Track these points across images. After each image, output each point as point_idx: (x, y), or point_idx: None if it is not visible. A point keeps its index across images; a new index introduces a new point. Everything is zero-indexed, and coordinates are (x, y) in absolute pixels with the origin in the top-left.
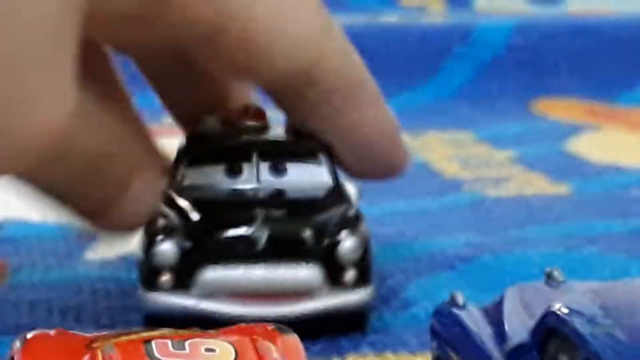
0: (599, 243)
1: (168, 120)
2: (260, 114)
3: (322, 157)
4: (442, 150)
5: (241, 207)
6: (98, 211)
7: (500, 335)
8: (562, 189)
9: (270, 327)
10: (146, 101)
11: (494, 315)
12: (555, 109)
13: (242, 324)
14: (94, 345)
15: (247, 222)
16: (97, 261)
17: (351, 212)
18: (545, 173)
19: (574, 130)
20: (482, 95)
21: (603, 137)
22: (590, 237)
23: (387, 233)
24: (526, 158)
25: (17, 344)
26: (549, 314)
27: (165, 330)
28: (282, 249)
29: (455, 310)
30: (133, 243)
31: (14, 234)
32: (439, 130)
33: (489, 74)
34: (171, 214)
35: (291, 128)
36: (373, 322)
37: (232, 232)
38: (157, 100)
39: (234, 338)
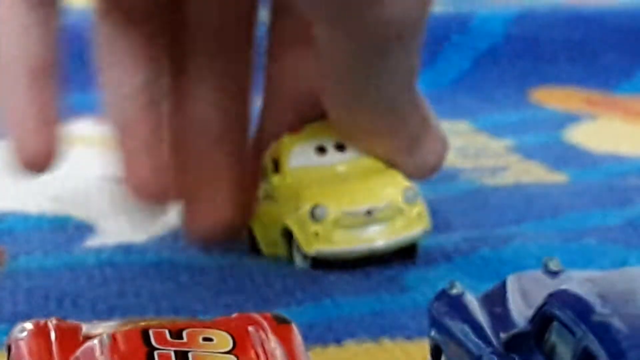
0: (597, 233)
1: None
2: None
3: None
4: None
5: None
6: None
7: (499, 323)
8: (560, 178)
9: (267, 316)
10: None
11: (492, 304)
12: (553, 98)
13: (240, 313)
14: (90, 335)
15: None
16: (95, 248)
17: None
18: (543, 162)
19: (572, 119)
20: (480, 84)
21: (601, 127)
22: (588, 226)
23: None
24: (524, 147)
25: (15, 334)
26: (548, 303)
27: (162, 320)
28: None
29: (455, 298)
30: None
31: (11, 226)
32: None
33: (487, 63)
34: None
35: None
36: (371, 304)
37: None
38: None
39: (232, 327)
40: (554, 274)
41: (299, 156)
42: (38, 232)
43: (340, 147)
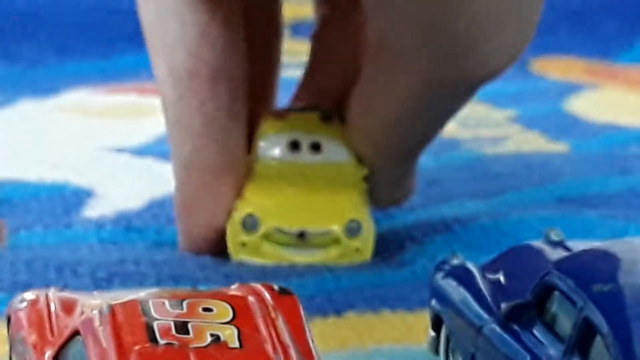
0: (597, 202)
1: None
2: None
3: None
4: None
5: None
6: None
7: (500, 293)
8: (560, 147)
9: (268, 286)
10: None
11: (493, 274)
12: (554, 68)
13: (241, 284)
14: (90, 306)
15: None
16: (94, 218)
17: None
18: (543, 132)
19: (573, 89)
20: None
21: (602, 96)
22: (588, 196)
23: None
24: (525, 117)
25: (15, 304)
26: (549, 273)
27: (162, 290)
28: None
29: (455, 268)
30: None
31: (10, 195)
32: None
33: None
34: None
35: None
36: (371, 278)
37: None
38: None
39: (232, 297)
40: (555, 244)
41: (271, 146)
42: (36, 201)
43: (315, 147)
